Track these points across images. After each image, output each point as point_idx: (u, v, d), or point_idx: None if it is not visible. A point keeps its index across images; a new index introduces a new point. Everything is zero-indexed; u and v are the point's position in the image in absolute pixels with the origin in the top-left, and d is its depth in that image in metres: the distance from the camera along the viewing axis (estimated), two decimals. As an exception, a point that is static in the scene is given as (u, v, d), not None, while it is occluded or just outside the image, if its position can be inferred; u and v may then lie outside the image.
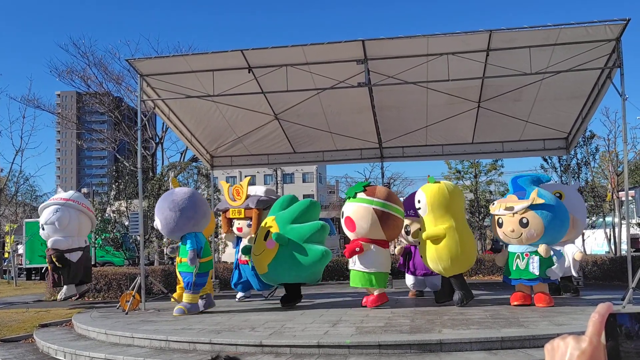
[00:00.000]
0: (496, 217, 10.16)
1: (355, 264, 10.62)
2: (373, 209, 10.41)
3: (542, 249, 9.79)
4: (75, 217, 13.90)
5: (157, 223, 11.00)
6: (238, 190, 12.68)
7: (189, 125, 14.96)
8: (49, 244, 13.61)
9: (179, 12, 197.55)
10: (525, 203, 9.76)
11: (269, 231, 10.82)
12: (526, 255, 9.92)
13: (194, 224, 10.82)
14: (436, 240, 10.06)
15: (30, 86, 76.46)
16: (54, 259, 13.60)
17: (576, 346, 0.91)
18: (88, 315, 11.20)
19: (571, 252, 11.02)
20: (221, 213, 13.00)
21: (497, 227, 10.19)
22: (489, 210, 10.86)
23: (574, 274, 11.62)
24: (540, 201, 9.76)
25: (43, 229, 13.81)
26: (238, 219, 12.50)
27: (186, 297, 10.74)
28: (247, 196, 12.45)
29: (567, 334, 0.95)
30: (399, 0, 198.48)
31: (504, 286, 11.57)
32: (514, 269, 10.03)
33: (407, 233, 11.96)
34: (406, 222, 11.67)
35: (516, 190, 10.16)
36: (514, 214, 9.82)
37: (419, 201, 10.36)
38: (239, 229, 12.48)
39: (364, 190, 10.65)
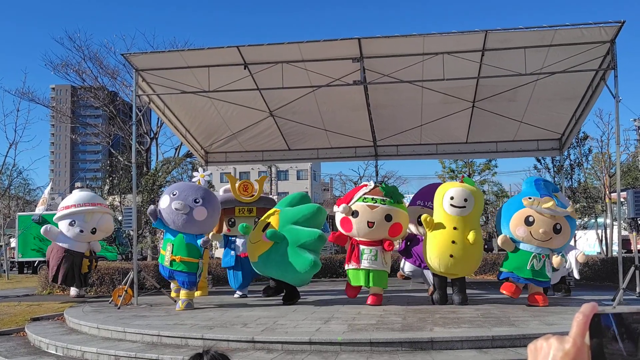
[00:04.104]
0: (527, 214, 9.78)
1: (370, 263, 10.37)
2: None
3: (556, 260, 9.81)
4: None
5: (201, 213, 10.56)
6: (246, 186, 12.49)
7: (183, 120, 14.93)
8: (97, 247, 14.37)
9: (175, 8, 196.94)
10: (565, 211, 9.68)
11: (268, 223, 10.80)
12: (542, 257, 9.85)
13: None
14: (470, 243, 10.02)
15: (24, 79, 76.23)
16: (94, 262, 14.35)
17: (559, 347, 0.88)
18: (80, 309, 11.18)
19: (574, 254, 11.12)
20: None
21: (523, 224, 9.79)
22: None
23: (576, 276, 11.65)
24: (576, 217, 9.78)
25: (93, 233, 14.03)
26: (245, 217, 12.25)
27: (184, 294, 10.75)
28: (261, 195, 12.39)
29: (551, 334, 0.93)
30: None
31: (495, 285, 11.62)
32: (528, 268, 9.84)
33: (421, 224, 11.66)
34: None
35: (542, 193, 9.95)
36: (552, 216, 9.63)
37: (465, 199, 10.02)
38: None
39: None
